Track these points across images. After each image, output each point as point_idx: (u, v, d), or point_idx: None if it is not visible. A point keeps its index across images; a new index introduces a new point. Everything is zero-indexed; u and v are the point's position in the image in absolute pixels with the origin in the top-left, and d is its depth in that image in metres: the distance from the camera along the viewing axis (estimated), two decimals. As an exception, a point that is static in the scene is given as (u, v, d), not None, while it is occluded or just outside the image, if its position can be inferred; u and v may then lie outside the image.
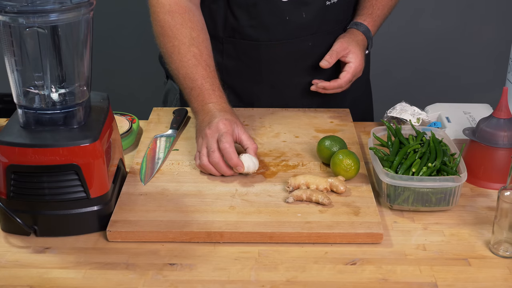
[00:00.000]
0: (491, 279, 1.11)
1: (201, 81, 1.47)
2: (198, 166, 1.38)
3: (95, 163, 1.19)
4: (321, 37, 1.65)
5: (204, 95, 1.46)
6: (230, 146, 1.34)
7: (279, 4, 1.57)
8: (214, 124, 1.38)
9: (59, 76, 1.22)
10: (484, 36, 3.04)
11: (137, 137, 1.56)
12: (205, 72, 1.48)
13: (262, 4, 1.57)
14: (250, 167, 1.34)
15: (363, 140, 1.55)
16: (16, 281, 1.11)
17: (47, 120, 1.21)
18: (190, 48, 1.50)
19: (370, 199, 1.29)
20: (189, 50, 1.50)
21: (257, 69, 1.67)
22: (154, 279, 1.11)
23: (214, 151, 1.35)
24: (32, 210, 1.20)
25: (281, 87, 1.70)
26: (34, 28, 1.15)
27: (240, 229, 1.20)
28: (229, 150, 1.33)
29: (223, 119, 1.39)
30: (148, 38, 1.87)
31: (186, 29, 1.51)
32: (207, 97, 1.45)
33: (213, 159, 1.34)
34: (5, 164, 1.17)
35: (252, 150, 1.38)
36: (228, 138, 1.35)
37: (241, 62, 1.65)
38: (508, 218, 1.16)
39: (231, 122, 1.39)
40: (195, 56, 1.49)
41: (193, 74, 1.48)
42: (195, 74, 1.48)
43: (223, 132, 1.36)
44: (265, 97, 1.67)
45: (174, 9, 1.52)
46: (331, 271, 1.12)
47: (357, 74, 1.62)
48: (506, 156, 1.34)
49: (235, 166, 1.33)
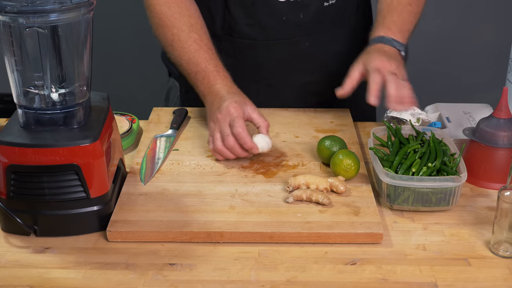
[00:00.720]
0: (491, 279, 1.11)
1: (205, 63, 1.50)
2: (212, 150, 1.40)
3: (95, 163, 1.19)
4: (319, 38, 1.65)
5: (209, 77, 1.48)
6: (243, 130, 1.37)
7: (276, 4, 1.57)
8: (224, 108, 1.40)
9: (59, 76, 1.22)
10: (484, 36, 3.04)
11: (137, 137, 1.56)
12: (207, 55, 1.51)
13: (259, 3, 1.58)
14: (265, 147, 1.38)
15: (363, 140, 1.55)
16: (16, 281, 1.11)
17: (47, 120, 1.21)
18: (190, 34, 1.52)
19: (370, 199, 1.29)
20: (189, 36, 1.52)
21: (254, 68, 1.67)
22: (154, 279, 1.11)
23: (228, 135, 1.38)
24: (32, 210, 1.20)
25: (278, 86, 1.70)
26: (34, 28, 1.15)
27: (240, 229, 1.20)
28: (242, 135, 1.36)
29: (232, 102, 1.41)
30: (148, 38, 1.87)
31: (184, 17, 1.54)
32: (213, 79, 1.48)
33: (228, 143, 1.38)
34: (5, 164, 1.17)
35: (264, 128, 1.40)
36: (240, 122, 1.37)
37: (239, 61, 1.65)
38: (508, 218, 1.16)
39: (240, 104, 1.41)
40: (195, 41, 1.52)
41: (196, 58, 1.50)
42: (198, 58, 1.50)
43: (234, 117, 1.38)
44: (262, 97, 1.67)
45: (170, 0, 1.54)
46: (331, 271, 1.12)
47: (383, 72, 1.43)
48: (506, 156, 1.34)
49: (250, 149, 1.37)
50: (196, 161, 1.43)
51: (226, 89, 1.46)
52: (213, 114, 1.43)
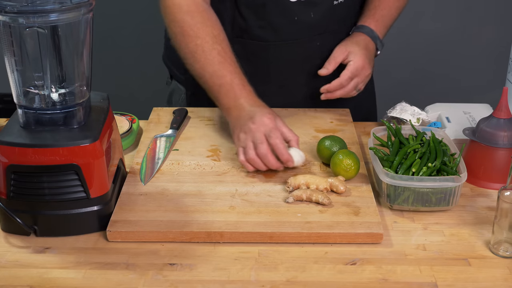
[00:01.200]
0: (491, 279, 1.11)
1: (230, 77, 1.47)
2: (243, 161, 1.37)
3: (95, 163, 1.19)
4: (328, 37, 1.65)
5: (235, 91, 1.46)
6: (280, 142, 1.35)
7: (288, 4, 1.57)
8: (258, 119, 1.38)
9: (59, 76, 1.22)
10: (483, 37, 3.04)
11: (137, 137, 1.56)
12: (232, 68, 1.49)
13: (270, 4, 1.57)
14: (300, 161, 1.38)
15: (363, 140, 1.55)
16: (16, 281, 1.11)
17: (47, 120, 1.21)
18: (214, 46, 1.50)
19: (370, 199, 1.29)
20: (213, 47, 1.49)
21: (265, 69, 1.67)
22: (154, 279, 1.11)
23: (262, 143, 1.35)
24: (32, 210, 1.20)
25: (289, 87, 1.70)
26: (34, 28, 1.15)
27: (240, 229, 1.20)
28: (280, 146, 1.35)
29: (266, 114, 1.39)
30: (149, 38, 1.87)
31: (208, 28, 1.51)
32: (239, 93, 1.46)
33: (261, 151, 1.35)
34: (5, 164, 1.17)
35: (295, 142, 1.39)
36: (277, 133, 1.36)
37: (250, 62, 1.64)
38: (508, 218, 1.16)
39: (274, 117, 1.40)
40: (220, 54, 1.49)
41: (221, 71, 1.48)
42: (223, 71, 1.48)
43: (271, 127, 1.37)
44: (273, 97, 1.67)
45: (193, 9, 1.52)
46: (331, 271, 1.12)
47: (360, 73, 1.61)
48: (506, 156, 1.34)
49: (286, 161, 1.35)
50: (196, 161, 1.43)
51: (252, 103, 1.44)
52: (244, 125, 1.39)
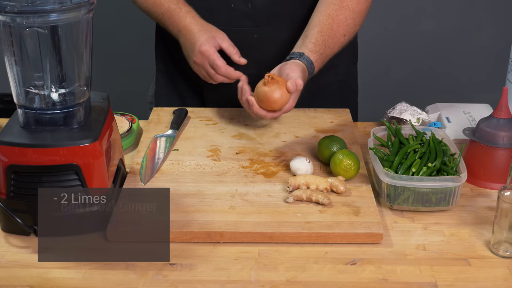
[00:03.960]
0: (491, 279, 1.11)
1: (168, 3, 1.61)
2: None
3: (95, 163, 1.19)
4: (268, 32, 1.64)
5: (174, 16, 1.59)
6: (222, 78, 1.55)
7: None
8: (197, 52, 1.54)
9: (59, 76, 1.22)
10: (483, 36, 3.04)
11: (137, 137, 1.56)
12: None
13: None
14: (308, 171, 1.35)
15: (363, 140, 1.55)
16: (16, 281, 1.11)
17: (47, 120, 1.21)
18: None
19: (370, 199, 1.29)
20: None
21: None
22: (154, 279, 1.11)
23: (215, 75, 1.55)
24: (32, 210, 1.20)
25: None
26: (34, 28, 1.15)
27: (240, 229, 1.20)
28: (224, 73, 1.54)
29: (202, 45, 1.53)
30: (149, 38, 1.87)
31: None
32: (177, 17, 1.59)
33: (218, 78, 1.56)
34: (5, 164, 1.17)
35: (235, 54, 1.57)
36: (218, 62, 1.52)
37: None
38: (508, 218, 1.16)
39: (209, 42, 1.53)
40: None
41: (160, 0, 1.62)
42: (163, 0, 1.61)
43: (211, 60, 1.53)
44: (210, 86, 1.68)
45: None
46: (331, 271, 1.12)
47: None
48: (506, 156, 1.34)
49: (238, 76, 1.53)
50: (196, 161, 1.43)
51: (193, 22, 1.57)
52: (190, 58, 1.58)
